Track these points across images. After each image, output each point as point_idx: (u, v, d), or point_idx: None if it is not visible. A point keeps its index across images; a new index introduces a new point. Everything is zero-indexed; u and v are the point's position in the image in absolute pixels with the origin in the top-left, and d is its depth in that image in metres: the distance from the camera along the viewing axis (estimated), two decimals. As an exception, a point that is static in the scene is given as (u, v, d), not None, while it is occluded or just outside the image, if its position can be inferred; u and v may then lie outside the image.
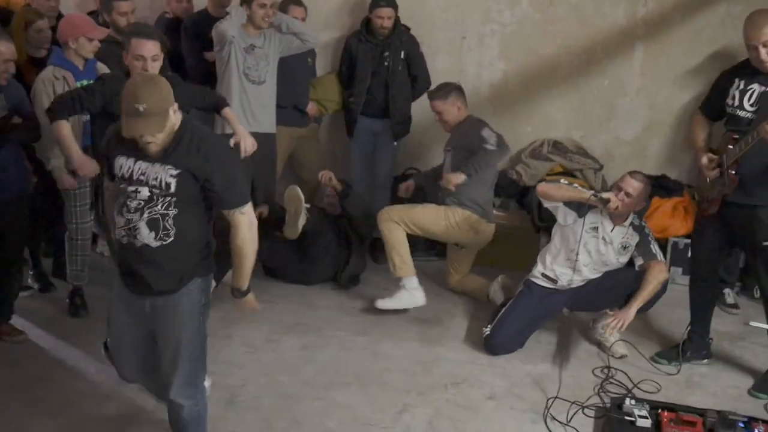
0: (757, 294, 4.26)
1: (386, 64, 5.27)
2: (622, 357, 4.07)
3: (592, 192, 4.06)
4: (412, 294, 4.53)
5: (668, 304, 4.62)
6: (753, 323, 3.43)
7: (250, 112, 4.78)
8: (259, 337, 4.26)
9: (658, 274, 4.01)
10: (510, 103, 5.68)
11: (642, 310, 4.07)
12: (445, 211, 4.61)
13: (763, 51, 3.50)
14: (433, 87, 4.97)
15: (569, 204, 4.09)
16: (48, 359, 3.98)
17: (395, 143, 5.46)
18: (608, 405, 3.52)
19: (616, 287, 4.09)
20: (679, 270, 5.06)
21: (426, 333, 4.37)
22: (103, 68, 4.31)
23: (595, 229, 4.06)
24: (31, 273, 4.77)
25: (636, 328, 4.34)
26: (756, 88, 3.61)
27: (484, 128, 4.56)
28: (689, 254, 4.58)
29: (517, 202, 5.44)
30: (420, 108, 5.36)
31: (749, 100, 3.62)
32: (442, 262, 5.22)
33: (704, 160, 3.78)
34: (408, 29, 5.39)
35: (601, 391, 3.73)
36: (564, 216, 4.11)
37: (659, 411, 3.36)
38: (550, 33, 5.50)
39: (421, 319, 4.53)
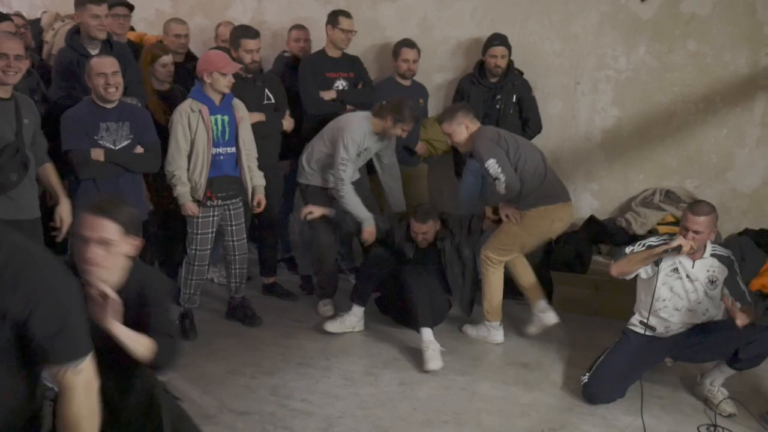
0: None
1: (498, 107, 5.31)
2: (730, 416, 3.90)
3: (662, 245, 3.88)
4: (491, 331, 4.77)
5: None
6: None
7: None
8: (357, 371, 4.31)
9: (750, 314, 3.78)
10: (622, 150, 5.60)
11: (746, 367, 3.91)
12: (524, 218, 4.60)
13: None
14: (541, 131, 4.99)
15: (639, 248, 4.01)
16: (157, 378, 4.15)
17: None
18: (713, 463, 3.39)
19: (723, 340, 3.86)
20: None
21: (525, 376, 4.31)
22: (239, 104, 4.54)
23: (675, 270, 3.91)
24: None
25: (745, 386, 4.18)
26: None
27: (488, 159, 4.46)
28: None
29: (625, 250, 5.33)
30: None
31: None
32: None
33: None
34: (521, 73, 5.43)
35: (707, 449, 3.60)
36: (643, 272, 4.01)
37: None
38: (667, 80, 5.41)
39: (521, 362, 4.49)
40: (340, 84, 5.35)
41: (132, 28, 5.79)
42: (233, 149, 4.52)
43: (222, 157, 4.47)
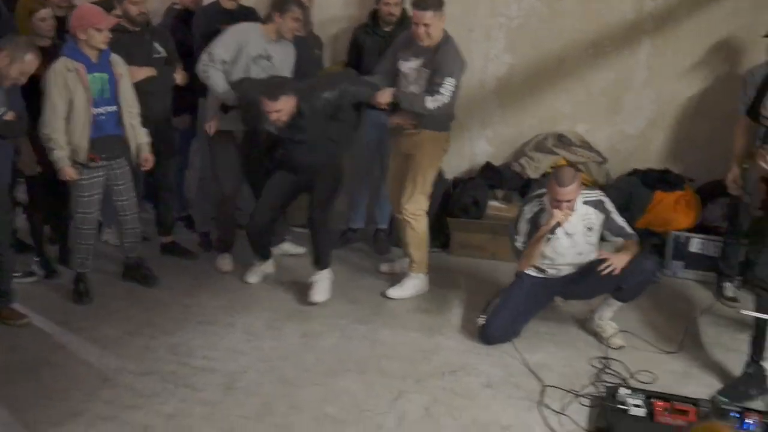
0: None
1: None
2: (619, 348, 4.09)
3: (543, 227, 3.96)
4: (423, 283, 4.74)
5: (668, 296, 4.68)
6: (745, 312, 3.45)
7: None
8: (260, 325, 4.31)
9: (634, 246, 4.05)
10: (515, 96, 5.69)
11: (629, 298, 4.11)
12: (429, 141, 4.50)
13: None
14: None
15: (526, 228, 4.11)
16: (51, 344, 4.06)
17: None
18: (603, 394, 3.55)
19: (607, 275, 3.99)
20: (681, 264, 5.05)
21: (426, 322, 4.40)
22: (117, 60, 4.38)
23: (553, 231, 3.96)
24: (36, 260, 4.86)
25: (634, 320, 4.39)
26: None
27: (450, 76, 4.23)
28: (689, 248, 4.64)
29: (520, 194, 5.44)
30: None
31: None
32: (443, 255, 5.30)
33: (730, 176, 3.74)
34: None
35: (597, 380, 3.76)
36: (527, 237, 4.12)
37: (653, 400, 3.39)
38: (557, 26, 5.50)
39: (422, 309, 4.58)
40: None
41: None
42: (114, 108, 4.36)
43: (103, 116, 4.31)
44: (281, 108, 4.24)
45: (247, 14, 5.28)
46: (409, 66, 4.43)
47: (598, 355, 3.99)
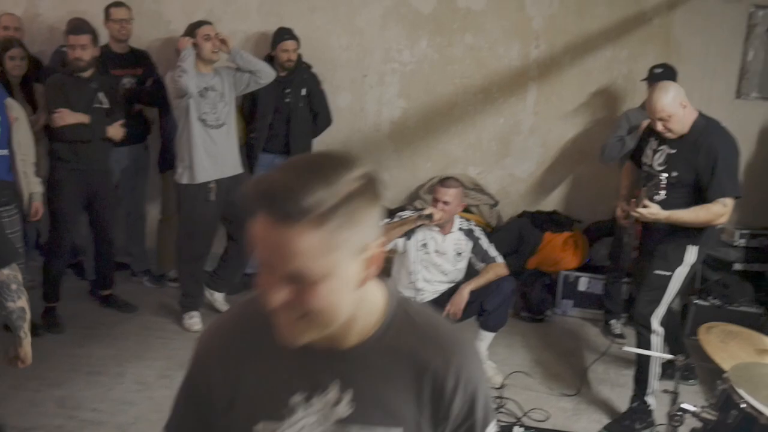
0: None
1: (287, 100, 5.31)
2: (502, 387, 4.17)
3: (415, 213, 4.21)
4: None
5: (559, 334, 4.82)
6: (627, 348, 3.59)
7: (216, 158, 4.73)
8: (152, 374, 4.20)
9: (496, 268, 4.22)
10: (409, 139, 5.81)
11: (493, 323, 4.20)
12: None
13: (659, 125, 3.59)
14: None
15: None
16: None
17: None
18: (497, 434, 3.61)
19: (471, 300, 4.15)
20: (570, 302, 5.23)
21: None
22: (13, 104, 4.24)
23: (425, 245, 4.23)
24: None
25: (527, 359, 4.49)
26: (665, 149, 3.68)
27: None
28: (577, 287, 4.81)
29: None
30: (322, 144, 5.44)
31: (658, 159, 3.70)
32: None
33: (618, 211, 3.94)
34: (309, 67, 5.47)
35: (491, 420, 3.81)
36: (396, 245, 4.27)
37: (545, 438, 3.47)
38: (448, 72, 5.66)
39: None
40: (128, 81, 5.16)
41: None
42: (5, 152, 4.22)
43: (-7, 160, 4.17)
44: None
45: (138, 58, 5.24)
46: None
47: (491, 395, 4.06)
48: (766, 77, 5.41)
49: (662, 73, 4.70)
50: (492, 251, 4.30)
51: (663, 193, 3.46)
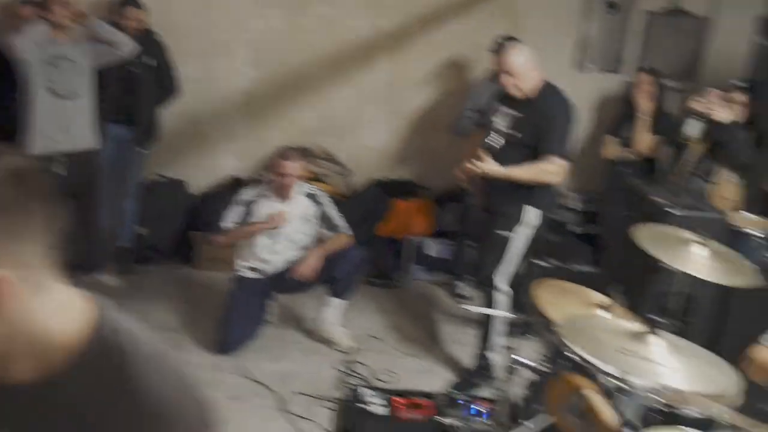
0: None
1: (133, 69, 5.10)
2: (351, 349, 4.25)
3: (261, 223, 4.25)
4: None
5: (410, 298, 4.94)
6: (466, 306, 3.73)
7: (68, 130, 4.47)
8: None
9: (341, 238, 4.34)
10: (260, 110, 5.75)
11: (342, 291, 4.30)
12: None
13: (509, 80, 3.75)
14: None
15: (240, 211, 4.31)
16: None
17: (144, 151, 5.30)
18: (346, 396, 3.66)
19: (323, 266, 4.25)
20: (421, 268, 5.35)
21: (170, 341, 4.28)
22: None
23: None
24: None
25: (378, 323, 4.58)
26: (513, 113, 3.83)
27: None
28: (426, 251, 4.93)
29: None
30: (170, 115, 5.30)
31: (505, 122, 3.84)
32: (187, 269, 5.22)
33: (457, 171, 4.07)
34: (156, 35, 5.28)
35: (341, 384, 3.87)
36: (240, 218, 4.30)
37: (392, 398, 3.54)
38: (300, 43, 5.62)
39: (167, 327, 4.42)
40: None
41: None
42: None
43: None
44: None
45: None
46: None
47: (343, 360, 4.12)
48: (604, 51, 5.71)
49: (507, 45, 4.86)
50: (339, 221, 4.36)
51: (497, 137, 3.67)
